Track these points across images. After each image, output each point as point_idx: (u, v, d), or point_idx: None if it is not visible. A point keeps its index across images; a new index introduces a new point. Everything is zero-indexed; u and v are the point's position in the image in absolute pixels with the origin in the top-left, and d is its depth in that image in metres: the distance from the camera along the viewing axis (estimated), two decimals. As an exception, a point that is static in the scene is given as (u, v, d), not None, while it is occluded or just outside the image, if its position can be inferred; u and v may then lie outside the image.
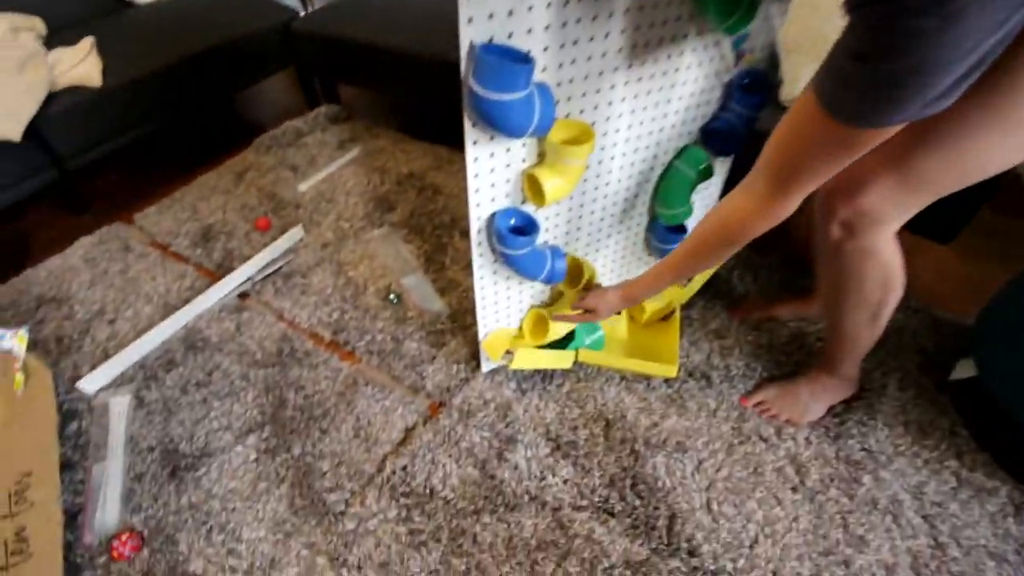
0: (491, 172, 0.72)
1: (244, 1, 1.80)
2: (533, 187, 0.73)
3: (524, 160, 0.74)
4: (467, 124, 0.65)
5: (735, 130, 0.81)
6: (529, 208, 0.77)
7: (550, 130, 0.65)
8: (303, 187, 1.50)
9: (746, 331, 1.04)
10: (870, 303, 0.71)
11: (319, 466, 0.89)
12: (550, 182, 0.72)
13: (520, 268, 0.79)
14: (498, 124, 0.60)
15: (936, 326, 0.98)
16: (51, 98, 1.36)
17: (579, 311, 0.79)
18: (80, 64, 1.41)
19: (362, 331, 1.08)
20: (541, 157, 0.75)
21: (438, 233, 1.30)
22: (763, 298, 1.06)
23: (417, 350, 1.03)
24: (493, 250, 0.82)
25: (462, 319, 1.09)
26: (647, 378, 0.96)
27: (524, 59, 0.57)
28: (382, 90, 1.63)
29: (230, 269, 1.23)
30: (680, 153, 0.86)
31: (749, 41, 0.79)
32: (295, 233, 1.34)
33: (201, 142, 1.67)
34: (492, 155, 0.71)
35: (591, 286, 0.86)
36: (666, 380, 0.96)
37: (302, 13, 1.81)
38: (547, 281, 0.85)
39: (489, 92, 0.56)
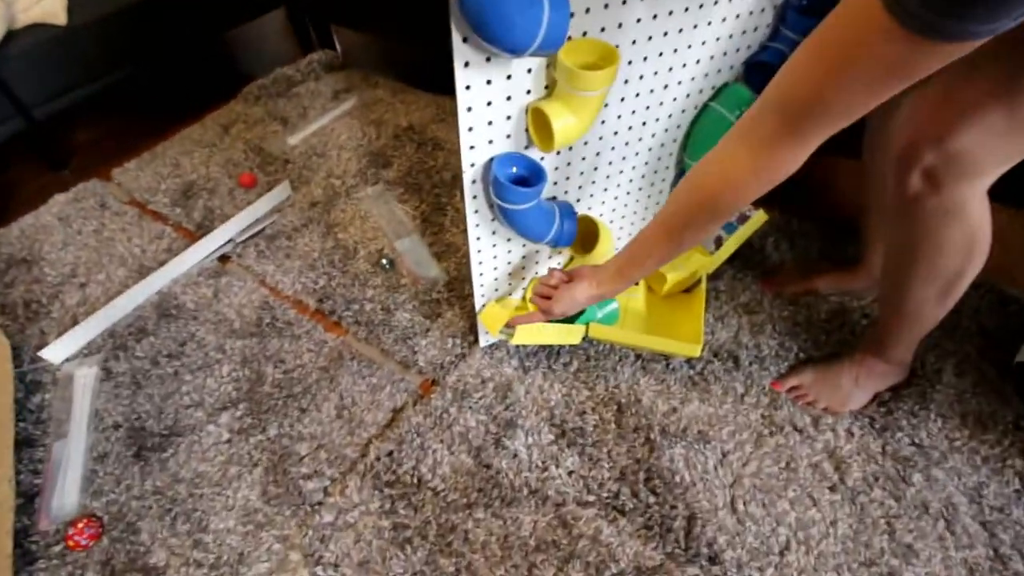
0: (487, 106, 0.60)
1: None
2: (539, 126, 0.63)
3: (529, 91, 0.62)
4: (456, 39, 0.52)
5: (782, 60, 0.67)
6: (535, 154, 0.68)
7: (561, 47, 0.52)
8: (293, 141, 1.44)
9: (781, 306, 0.95)
10: (945, 274, 0.61)
11: (296, 449, 0.84)
12: (560, 120, 0.59)
13: (522, 227, 0.70)
14: (494, 32, 0.47)
15: (1000, 303, 0.89)
16: (10, 37, 1.24)
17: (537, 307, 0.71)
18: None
19: (350, 299, 1.02)
20: (550, 89, 0.62)
21: (437, 192, 1.24)
22: (801, 268, 0.98)
23: (409, 321, 0.98)
24: (491, 205, 0.71)
25: (460, 287, 1.02)
26: (666, 358, 0.89)
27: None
28: (381, 33, 1.58)
29: (211, 229, 1.18)
30: (718, 92, 0.77)
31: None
32: (282, 191, 1.28)
33: (185, 91, 1.60)
34: (489, 83, 0.58)
35: (594, 251, 0.75)
36: (688, 360, 0.89)
37: (294, -56, 1.69)
38: (554, 244, 0.74)
39: None
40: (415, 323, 0.97)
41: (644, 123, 0.75)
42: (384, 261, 1.09)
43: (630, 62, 0.65)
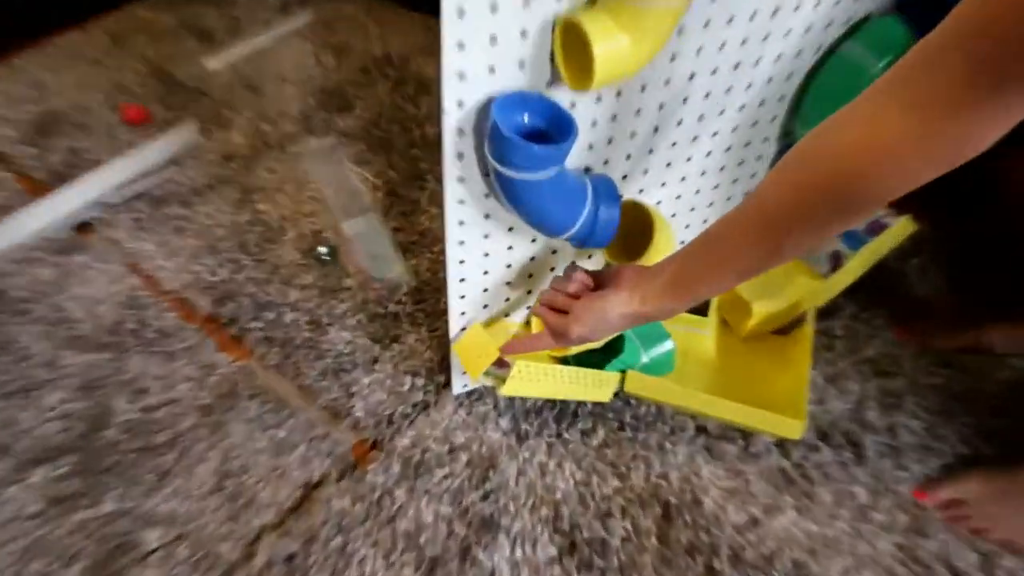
0: (492, 11, 0.50)
1: None
2: (573, 51, 0.54)
3: None
4: None
5: None
6: (561, 95, 0.59)
7: None
8: (214, 64, 1.46)
9: (929, 367, 0.92)
10: None
11: (143, 539, 0.79)
12: (606, 42, 0.51)
13: (533, 209, 0.61)
14: None
15: None
16: None
17: (543, 329, 0.68)
18: None
19: (262, 304, 1.01)
20: None
21: (414, 154, 1.24)
22: (962, 310, 0.95)
23: (349, 345, 0.96)
24: (486, 173, 0.62)
25: (432, 299, 1.01)
26: (745, 435, 0.86)
27: None
28: None
29: (70, 181, 1.18)
30: (855, 29, 0.70)
31: None
32: (184, 134, 1.29)
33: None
34: None
35: (645, 251, 0.70)
36: (780, 443, 0.85)
37: None
38: (581, 241, 0.65)
39: None
40: (357, 349, 0.95)
41: (737, 65, 0.68)
42: (322, 250, 1.07)
43: None
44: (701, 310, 0.91)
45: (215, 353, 0.94)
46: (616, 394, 0.87)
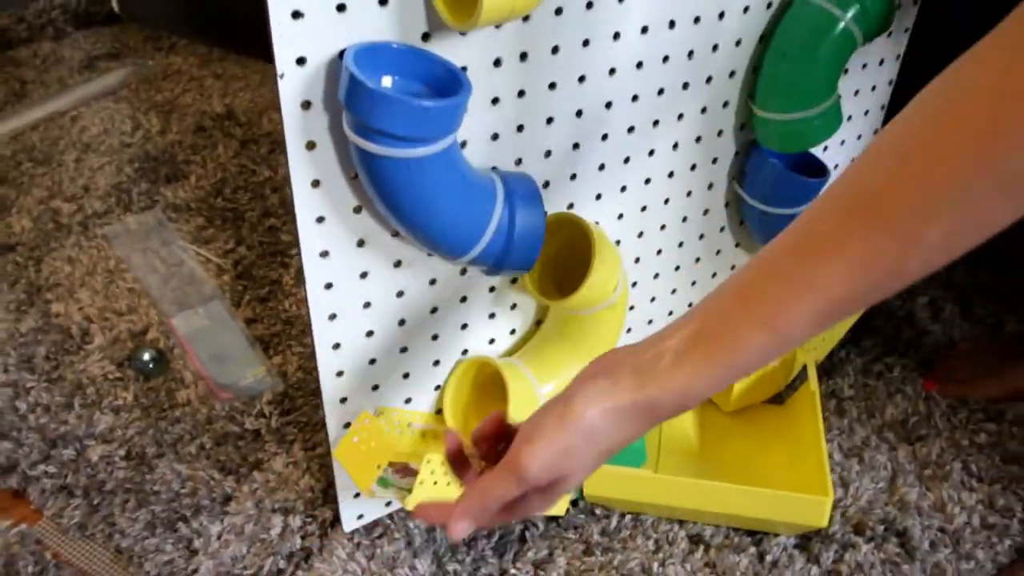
0: None
1: None
2: None
3: None
4: None
5: None
6: (441, 48, 0.59)
7: None
8: None
9: (970, 423, 0.95)
10: None
11: None
12: None
13: (421, 209, 0.58)
14: None
15: None
16: None
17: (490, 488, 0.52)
18: None
19: (56, 438, 0.98)
20: None
21: (272, 224, 1.26)
22: (989, 352, 1.00)
23: (188, 483, 0.93)
24: (353, 172, 0.60)
25: (308, 406, 1.00)
26: (756, 538, 0.85)
27: None
28: None
29: None
30: None
31: None
32: None
33: None
34: None
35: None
36: (801, 544, 0.84)
37: None
38: (495, 264, 0.63)
39: None
40: (200, 486, 0.92)
41: (672, 24, 0.69)
42: (145, 356, 1.05)
43: None
44: None
45: None
46: (574, 503, 0.86)
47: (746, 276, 0.47)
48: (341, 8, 0.52)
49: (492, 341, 0.79)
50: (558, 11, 0.60)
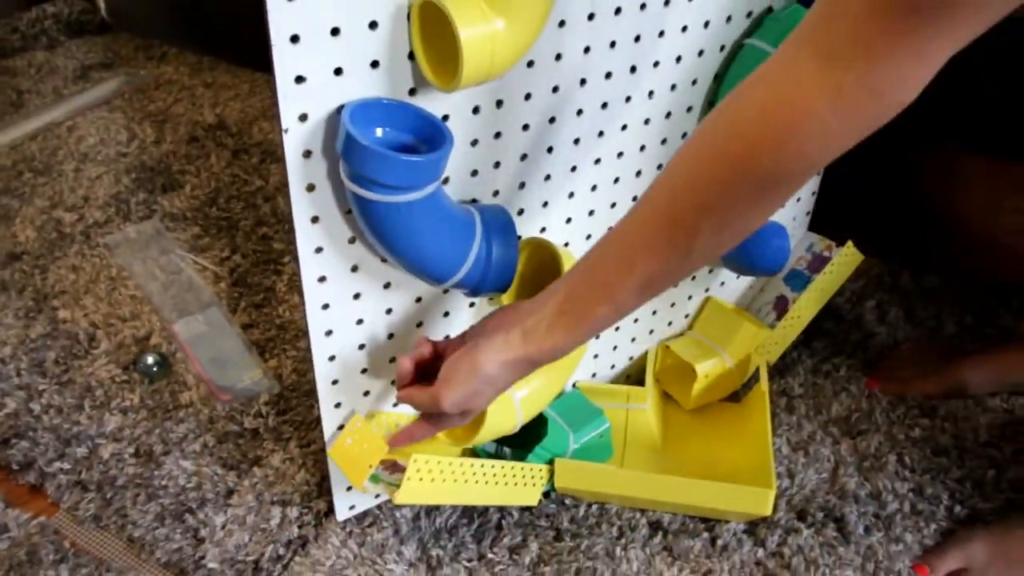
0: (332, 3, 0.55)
1: None
2: (434, 40, 0.59)
3: None
4: None
5: None
6: (426, 100, 0.64)
7: None
8: None
9: (906, 418, 0.99)
10: None
11: None
12: (474, 26, 0.56)
13: (408, 244, 0.64)
14: None
15: None
16: None
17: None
18: None
19: (69, 437, 1.00)
20: None
21: (265, 233, 1.29)
22: (931, 351, 1.05)
23: (193, 478, 0.96)
24: (347, 207, 0.65)
25: (302, 406, 1.03)
26: (709, 524, 0.89)
27: None
28: None
29: None
30: (761, 23, 0.80)
31: None
32: None
33: None
34: None
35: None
36: (750, 527, 0.88)
37: None
38: (474, 288, 0.69)
39: None
40: (204, 480, 0.95)
41: (633, 68, 0.75)
42: (149, 360, 1.08)
43: None
44: (638, 380, 0.97)
45: (4, 511, 0.91)
46: (546, 494, 0.89)
47: (591, 262, 0.61)
48: (338, 72, 0.58)
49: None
50: (530, 64, 0.66)
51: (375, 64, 0.59)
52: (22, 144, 1.48)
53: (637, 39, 0.72)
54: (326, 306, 0.70)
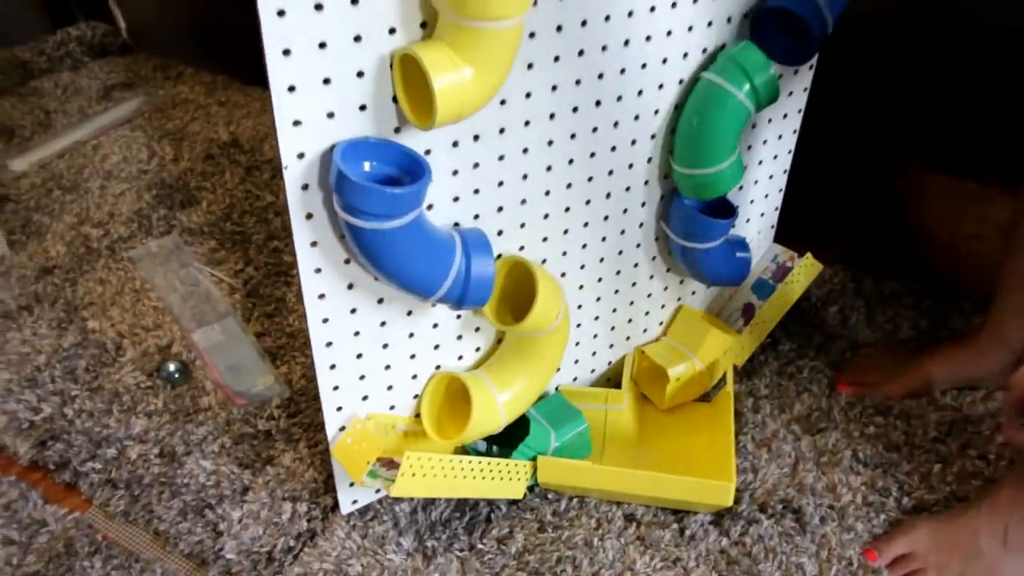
0: (320, 48, 0.60)
1: None
2: (414, 87, 0.64)
3: (393, 30, 0.63)
4: None
5: (815, 9, 0.77)
6: (413, 141, 0.68)
7: None
8: (19, 165, 1.53)
9: (862, 416, 1.02)
10: None
11: None
12: (446, 73, 0.60)
13: (395, 265, 0.68)
14: None
15: None
16: None
17: None
18: None
19: (99, 439, 1.03)
20: (429, 26, 0.64)
21: (275, 246, 1.32)
22: (891, 352, 1.07)
23: (212, 476, 0.98)
24: (341, 235, 0.70)
25: (310, 410, 1.05)
26: (679, 516, 0.91)
27: None
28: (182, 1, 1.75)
29: None
30: (715, 58, 0.83)
31: None
32: None
33: None
34: (319, 8, 0.59)
35: (539, 312, 0.77)
36: (716, 520, 0.91)
37: None
38: (456, 302, 0.74)
39: None
40: (223, 478, 0.97)
41: (598, 103, 0.78)
42: (171, 367, 1.11)
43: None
44: (617, 383, 1.00)
45: (45, 507, 0.94)
46: (531, 488, 0.92)
47: None
48: (331, 115, 0.63)
49: (460, 357, 0.88)
50: (502, 102, 0.71)
51: (363, 107, 0.64)
52: (51, 163, 1.53)
53: (600, 76, 0.76)
54: (326, 320, 0.74)
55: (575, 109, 0.77)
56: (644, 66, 0.79)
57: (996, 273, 0.93)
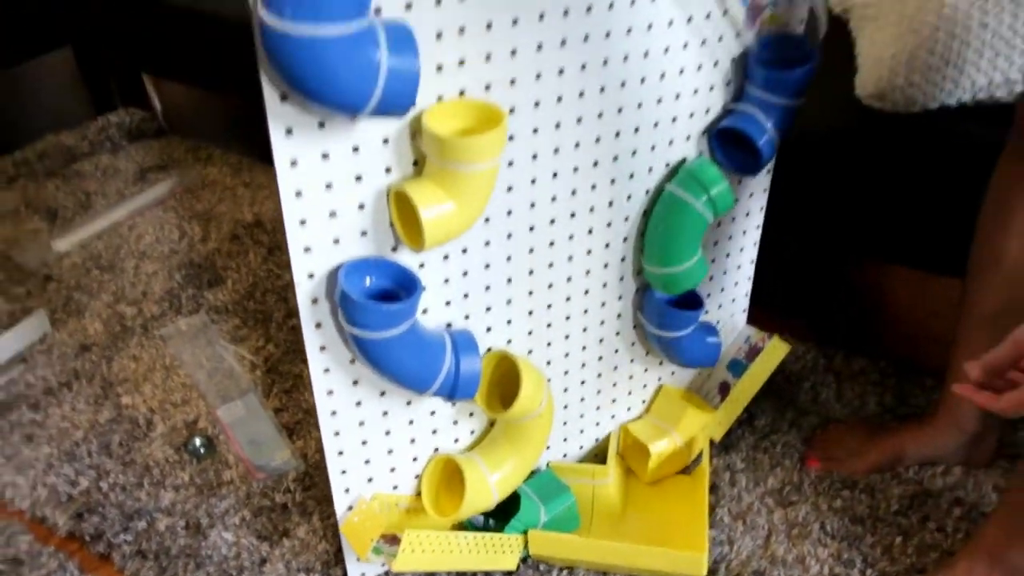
0: (327, 189, 0.68)
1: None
2: (407, 216, 0.71)
3: (389, 169, 0.71)
4: (269, 96, 0.62)
5: (760, 131, 0.85)
6: (404, 257, 0.76)
7: (411, 105, 0.63)
8: (62, 245, 1.57)
9: (831, 489, 1.04)
10: None
11: None
12: (432, 207, 0.68)
13: (392, 368, 0.75)
14: (310, 85, 0.57)
15: None
16: None
17: None
18: None
19: (131, 512, 1.05)
20: (419, 165, 0.72)
21: (294, 324, 1.34)
22: (855, 431, 1.10)
23: (233, 548, 1.01)
24: (345, 339, 0.76)
25: (323, 482, 1.07)
26: None
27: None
28: (214, 88, 1.78)
29: None
30: (676, 172, 0.89)
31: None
32: (32, 327, 1.35)
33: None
34: (326, 157, 0.67)
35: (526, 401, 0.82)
36: None
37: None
38: (448, 395, 0.80)
39: (288, 21, 0.54)
40: (243, 550, 1.00)
41: (573, 214, 0.85)
42: (197, 442, 1.14)
43: (536, 130, 0.76)
44: (604, 458, 1.04)
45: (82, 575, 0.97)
46: (524, 560, 0.95)
47: None
48: (336, 241, 0.71)
49: (456, 440, 0.93)
50: (487, 220, 0.79)
51: (364, 233, 0.73)
52: (90, 243, 1.58)
53: (574, 192, 0.84)
54: (334, 413, 0.81)
55: (552, 221, 0.85)
56: (613, 181, 0.86)
57: (947, 355, 0.97)
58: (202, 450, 1.14)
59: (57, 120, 1.90)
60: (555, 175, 0.82)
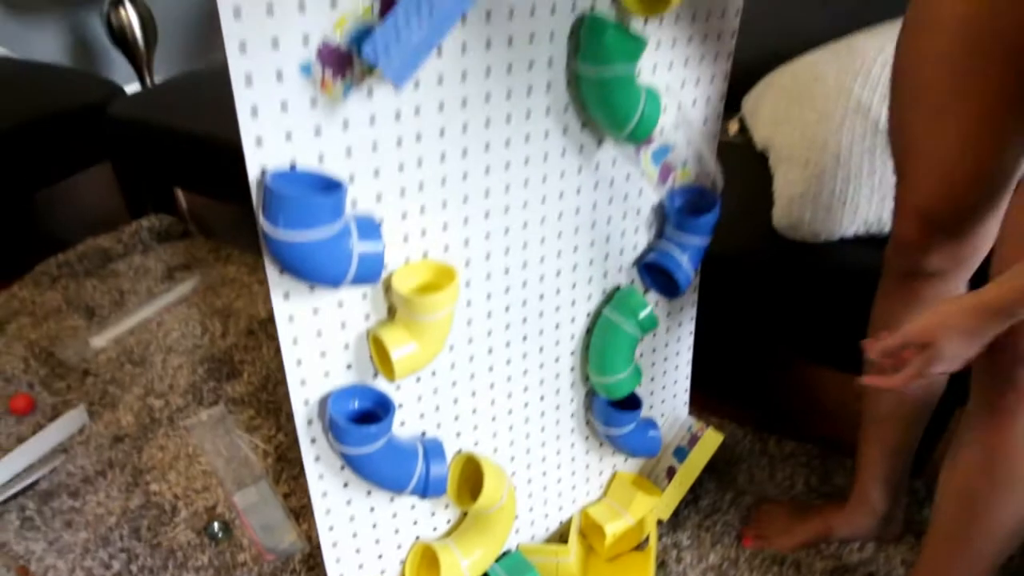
0: (318, 336, 0.82)
1: (49, 72, 2.06)
2: (383, 353, 0.81)
3: (368, 316, 0.85)
4: (271, 271, 0.76)
5: (676, 265, 0.98)
6: (383, 382, 0.87)
7: (379, 277, 0.78)
8: (99, 342, 1.64)
9: (763, 565, 1.13)
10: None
11: None
12: (400, 348, 0.81)
13: (373, 474, 0.88)
14: (304, 273, 0.72)
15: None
16: None
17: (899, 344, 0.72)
18: None
19: None
20: (392, 311, 0.85)
21: None
22: (783, 510, 1.18)
23: None
24: (335, 451, 0.89)
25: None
26: None
27: (329, 186, 0.70)
28: (232, 199, 1.88)
29: None
30: (611, 298, 1.02)
31: (676, 152, 0.97)
32: (72, 420, 1.42)
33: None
34: (316, 312, 0.81)
35: (489, 496, 0.93)
36: None
37: (130, 91, 2.08)
38: (421, 494, 0.92)
39: (281, 230, 0.68)
40: None
41: (525, 337, 0.98)
42: (216, 526, 1.22)
43: (489, 275, 0.90)
44: (565, 537, 1.16)
45: None
46: None
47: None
48: (327, 374, 0.84)
49: (435, 529, 1.03)
50: (451, 347, 0.92)
51: (349, 366, 0.85)
52: (124, 339, 1.65)
53: (524, 320, 0.97)
54: (328, 511, 0.93)
55: (507, 344, 0.98)
56: (558, 309, 1.00)
57: (858, 442, 1.08)
58: (220, 534, 1.21)
59: (96, 225, 2.03)
60: (507, 308, 0.96)
